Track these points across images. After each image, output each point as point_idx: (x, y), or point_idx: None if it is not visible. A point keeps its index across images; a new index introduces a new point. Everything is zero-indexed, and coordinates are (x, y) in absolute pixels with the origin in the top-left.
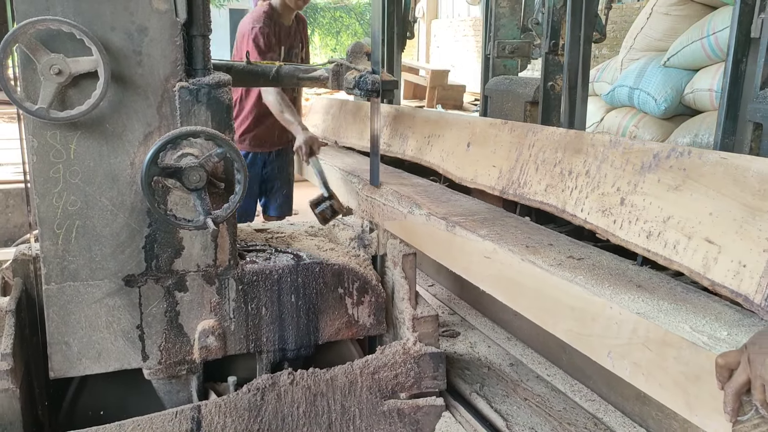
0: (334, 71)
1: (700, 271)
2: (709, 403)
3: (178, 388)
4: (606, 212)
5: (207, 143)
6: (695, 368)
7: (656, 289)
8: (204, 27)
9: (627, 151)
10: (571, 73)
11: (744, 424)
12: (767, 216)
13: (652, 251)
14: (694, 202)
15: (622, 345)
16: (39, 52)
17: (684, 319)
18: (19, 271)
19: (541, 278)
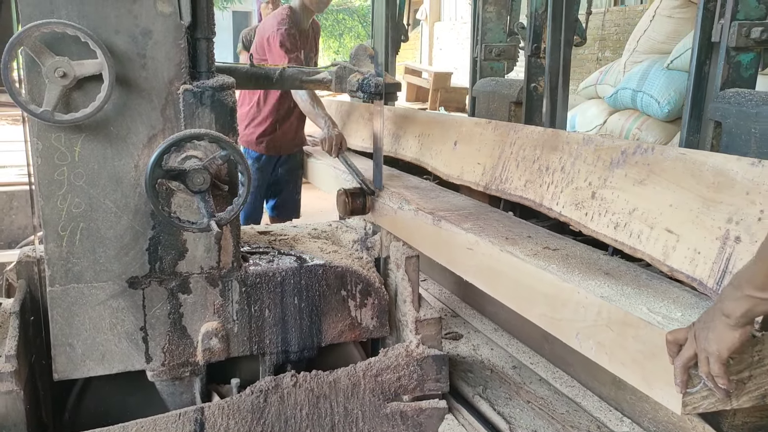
0: (337, 74)
1: (661, 258)
2: (663, 378)
3: (182, 390)
4: (579, 205)
5: (211, 146)
6: (651, 346)
7: (622, 276)
8: (208, 30)
9: (598, 148)
10: (552, 75)
11: (693, 396)
12: (720, 207)
13: (619, 241)
14: (656, 195)
15: (588, 327)
16: (44, 55)
17: (643, 302)
18: (24, 273)
19: (518, 267)
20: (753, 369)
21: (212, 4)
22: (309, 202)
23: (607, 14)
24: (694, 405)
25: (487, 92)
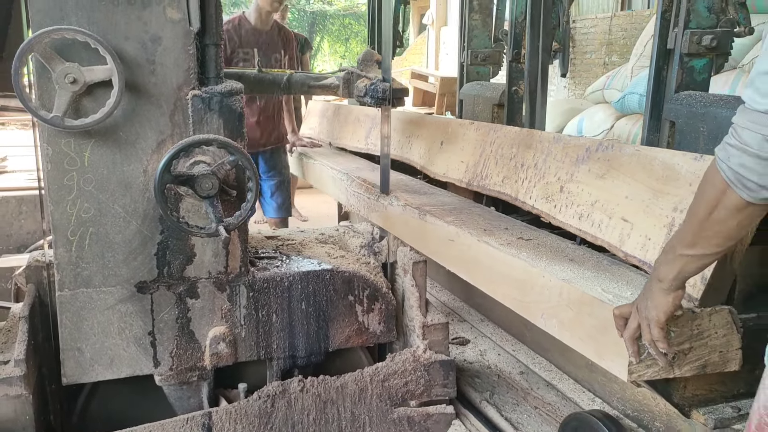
0: (344, 79)
1: (617, 245)
2: (612, 350)
3: (189, 395)
4: (549, 198)
5: (219, 151)
6: (603, 321)
7: (585, 262)
8: (217, 36)
9: (566, 146)
10: (531, 79)
11: (638, 365)
12: (667, 197)
13: (582, 230)
14: (614, 188)
15: (552, 307)
16: (54, 61)
17: (599, 284)
18: (33, 278)
19: (493, 256)
20: (693, 341)
21: (221, 10)
22: (314, 207)
23: (614, 19)
24: (639, 373)
25: (472, 95)
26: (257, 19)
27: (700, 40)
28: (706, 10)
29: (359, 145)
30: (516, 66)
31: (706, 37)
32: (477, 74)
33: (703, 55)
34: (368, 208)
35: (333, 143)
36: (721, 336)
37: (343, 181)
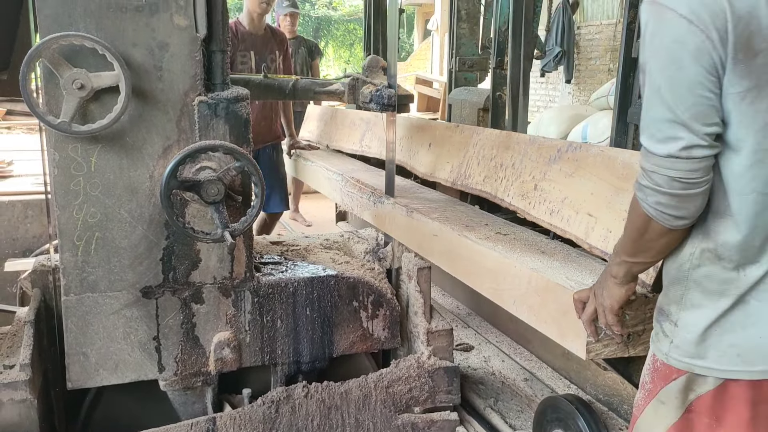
0: (350, 85)
1: (583, 237)
2: (573, 331)
3: (194, 400)
4: (524, 196)
5: (225, 157)
6: (565, 306)
7: (555, 254)
8: (223, 42)
9: (540, 147)
10: (513, 84)
11: (596, 344)
12: (626, 193)
13: (553, 225)
14: (582, 186)
15: (522, 294)
16: (62, 66)
17: (564, 273)
18: (38, 282)
19: (472, 249)
20: (646, 324)
21: (227, 17)
22: (319, 213)
23: (619, 25)
24: (597, 352)
25: (459, 100)
26: (250, 23)
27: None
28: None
29: (354, 147)
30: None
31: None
32: (465, 80)
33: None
34: (361, 207)
35: (330, 146)
36: None
37: (337, 182)
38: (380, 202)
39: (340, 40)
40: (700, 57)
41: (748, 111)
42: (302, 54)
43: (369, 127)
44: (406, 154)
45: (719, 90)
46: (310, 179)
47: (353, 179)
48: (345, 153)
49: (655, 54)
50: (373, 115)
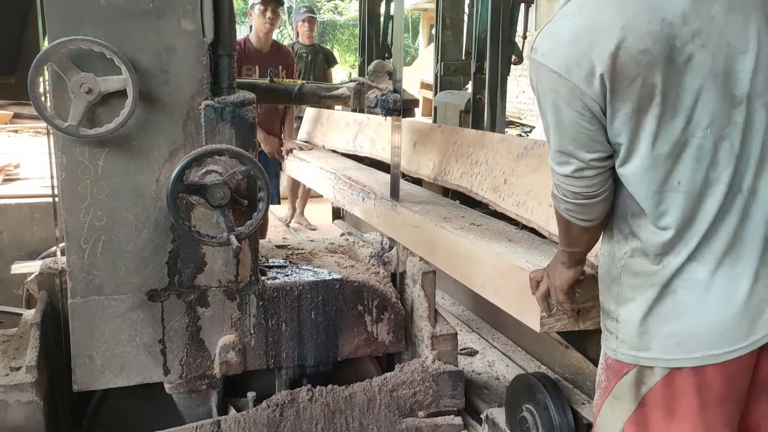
0: (355, 90)
1: (544, 225)
2: (529, 308)
3: (198, 403)
4: (495, 190)
5: (231, 161)
6: (523, 285)
7: (520, 241)
8: (230, 46)
9: (510, 145)
10: (492, 88)
11: (548, 319)
12: None
13: (519, 215)
14: (544, 179)
15: (488, 276)
16: (70, 70)
17: (525, 257)
18: (45, 285)
19: (447, 238)
20: (594, 301)
21: (234, 21)
22: (325, 216)
23: None
24: (550, 326)
25: (444, 102)
26: (257, 41)
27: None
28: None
29: (347, 147)
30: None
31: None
32: (449, 84)
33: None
34: (351, 203)
35: (326, 146)
36: None
37: (330, 180)
38: (368, 198)
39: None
40: (573, 102)
41: (635, 127)
42: (320, 61)
43: (361, 128)
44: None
45: (597, 124)
46: (306, 178)
47: (345, 177)
48: (339, 153)
49: (541, 100)
50: (365, 117)
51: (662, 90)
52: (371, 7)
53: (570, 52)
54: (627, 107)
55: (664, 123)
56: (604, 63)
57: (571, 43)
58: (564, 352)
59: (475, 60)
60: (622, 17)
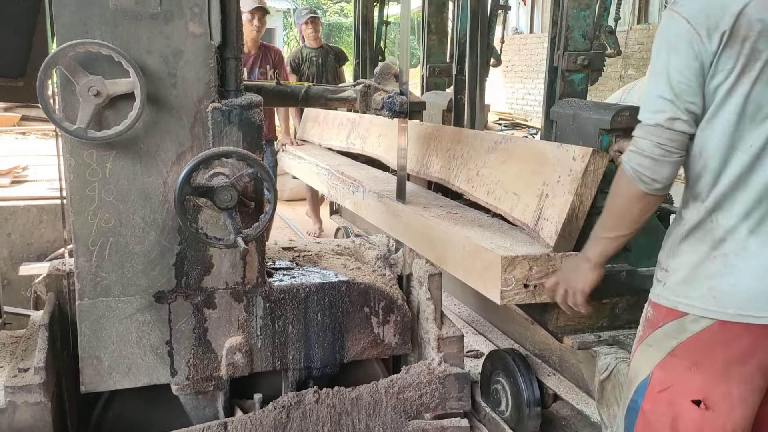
0: (362, 92)
1: (509, 212)
2: (491, 284)
3: (205, 404)
4: (469, 181)
5: (238, 163)
6: (487, 264)
7: (489, 227)
8: (237, 50)
9: (482, 140)
10: (471, 89)
11: (508, 292)
12: (540, 175)
13: (489, 203)
14: (510, 170)
15: (459, 257)
16: (78, 73)
17: (490, 239)
18: (53, 286)
19: (425, 224)
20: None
21: (241, 24)
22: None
23: (631, 32)
24: (509, 298)
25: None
26: (246, 46)
27: (576, 60)
28: (582, 37)
29: (341, 144)
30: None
31: (581, 58)
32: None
33: (580, 71)
34: (342, 197)
35: (322, 144)
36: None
37: (324, 175)
38: (357, 192)
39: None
40: (689, 49)
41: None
42: (331, 62)
43: (354, 126)
44: (385, 150)
45: (700, 78)
46: (302, 174)
47: (338, 172)
48: (335, 150)
49: (660, 45)
50: (357, 116)
51: (765, 57)
52: (365, 13)
53: (703, 6)
54: (731, 64)
55: (758, 87)
56: (728, 21)
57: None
58: (534, 331)
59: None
60: None
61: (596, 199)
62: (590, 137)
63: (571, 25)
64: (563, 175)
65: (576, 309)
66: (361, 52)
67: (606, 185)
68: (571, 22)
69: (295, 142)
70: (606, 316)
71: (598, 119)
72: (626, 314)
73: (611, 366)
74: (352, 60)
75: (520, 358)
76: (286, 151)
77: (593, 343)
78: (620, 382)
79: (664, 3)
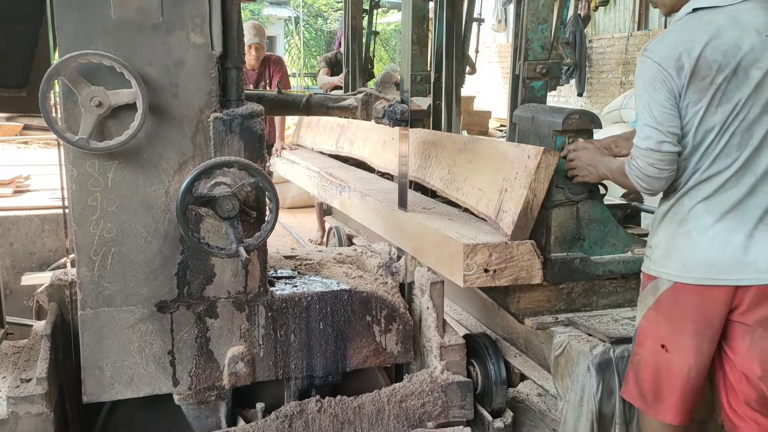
0: (363, 100)
1: (475, 206)
2: (456, 269)
3: (207, 414)
4: (442, 179)
5: (240, 173)
6: (452, 252)
7: (457, 220)
8: (238, 59)
9: (454, 141)
10: (448, 95)
11: (470, 276)
12: (501, 172)
13: (459, 199)
14: (477, 168)
15: (430, 246)
16: (80, 84)
17: (456, 230)
18: (55, 296)
19: (401, 219)
20: (507, 263)
21: (242, 34)
22: None
23: (631, 38)
24: (471, 282)
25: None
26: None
27: (536, 69)
28: (540, 48)
29: (332, 148)
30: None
31: (540, 67)
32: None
33: (539, 79)
34: (330, 197)
35: (314, 148)
36: (526, 260)
37: (314, 178)
38: (344, 192)
39: None
40: (663, 85)
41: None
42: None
43: (343, 131)
44: (369, 151)
45: (675, 107)
46: (295, 178)
47: (327, 174)
48: (326, 154)
49: (641, 85)
50: (345, 121)
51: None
52: (354, 23)
53: (669, 52)
54: (696, 96)
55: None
56: (691, 63)
57: (671, 47)
58: (505, 316)
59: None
60: (707, 37)
61: (549, 193)
62: (546, 138)
63: (531, 37)
64: (519, 171)
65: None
66: (350, 61)
67: (559, 180)
68: (530, 35)
69: (289, 146)
70: (563, 299)
71: (552, 122)
72: (581, 298)
73: (564, 343)
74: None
75: (490, 342)
76: (281, 156)
77: (551, 324)
78: (572, 357)
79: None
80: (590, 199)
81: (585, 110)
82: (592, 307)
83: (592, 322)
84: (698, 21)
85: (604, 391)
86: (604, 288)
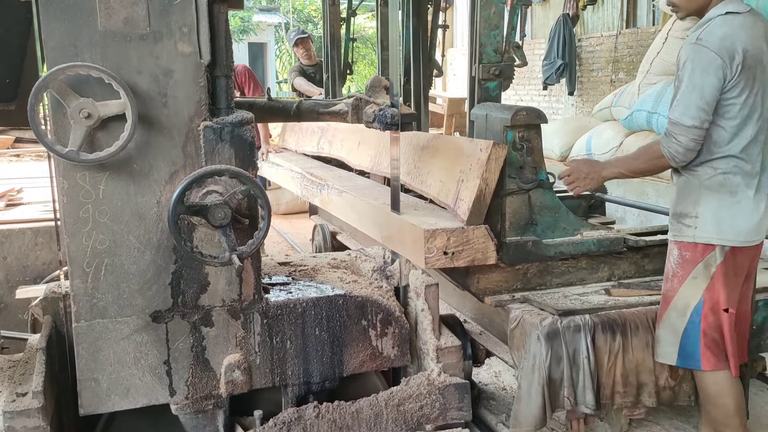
0: (353, 105)
1: (437, 196)
2: (419, 253)
3: (205, 423)
4: (410, 173)
5: (231, 181)
6: (416, 238)
7: (422, 209)
8: (227, 67)
9: (418, 139)
10: (416, 97)
11: (431, 258)
12: (459, 165)
13: (423, 191)
14: (438, 162)
15: (396, 234)
16: (69, 96)
17: (419, 218)
18: (49, 309)
19: (372, 210)
20: (464, 246)
21: (231, 42)
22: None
23: (620, 36)
24: (432, 263)
25: None
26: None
27: (490, 71)
28: (493, 52)
29: (313, 149)
30: (408, 87)
31: (493, 69)
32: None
33: (493, 80)
34: (312, 195)
35: (298, 150)
36: (481, 243)
37: (297, 178)
38: (324, 189)
39: None
40: (717, 72)
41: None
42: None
43: (323, 133)
44: (346, 151)
45: (719, 92)
46: (281, 180)
47: (308, 174)
48: (309, 155)
49: (694, 70)
50: (325, 124)
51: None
52: (332, 30)
53: (722, 43)
54: (741, 84)
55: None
56: (741, 54)
57: (723, 38)
58: (473, 300)
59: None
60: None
61: (502, 182)
62: (498, 133)
63: (484, 42)
64: (473, 163)
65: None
66: (330, 67)
67: (512, 171)
68: (483, 39)
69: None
70: (519, 279)
71: (502, 118)
72: (536, 278)
73: (519, 317)
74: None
75: (456, 321)
76: (267, 160)
77: (508, 302)
78: (525, 330)
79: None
80: (540, 188)
81: (531, 107)
82: (546, 286)
83: (544, 299)
84: (734, 21)
85: (552, 358)
86: (557, 268)
